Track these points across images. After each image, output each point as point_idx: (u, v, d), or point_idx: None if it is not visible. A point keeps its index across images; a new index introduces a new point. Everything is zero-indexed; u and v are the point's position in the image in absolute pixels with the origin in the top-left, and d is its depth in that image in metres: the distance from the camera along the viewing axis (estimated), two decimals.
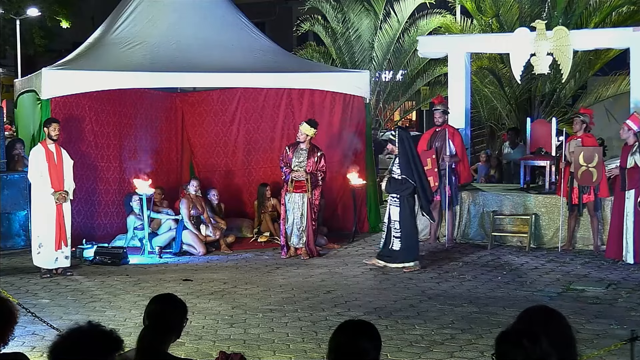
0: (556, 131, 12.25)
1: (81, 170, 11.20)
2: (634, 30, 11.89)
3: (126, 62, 11.71)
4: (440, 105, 11.99)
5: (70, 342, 3.07)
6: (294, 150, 11.20)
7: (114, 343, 3.15)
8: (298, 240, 11.16)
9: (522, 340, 3.05)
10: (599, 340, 7.05)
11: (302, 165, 11.12)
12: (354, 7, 18.26)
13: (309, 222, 11.12)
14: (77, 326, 3.15)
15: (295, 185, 11.12)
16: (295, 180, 11.09)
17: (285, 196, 11.20)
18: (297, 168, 11.11)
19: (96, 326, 3.17)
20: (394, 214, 10.32)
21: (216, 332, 7.52)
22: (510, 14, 15.56)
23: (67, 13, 28.50)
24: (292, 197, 11.14)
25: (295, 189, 11.12)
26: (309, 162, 11.11)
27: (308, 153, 11.16)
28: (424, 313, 8.14)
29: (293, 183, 11.10)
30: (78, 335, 3.10)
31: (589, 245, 11.31)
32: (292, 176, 11.07)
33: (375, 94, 18.01)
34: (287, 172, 11.14)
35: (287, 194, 11.16)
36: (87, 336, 3.10)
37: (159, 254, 11.26)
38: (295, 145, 11.26)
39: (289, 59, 14.03)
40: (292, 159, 11.15)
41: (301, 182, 11.12)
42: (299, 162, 11.14)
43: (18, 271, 10.35)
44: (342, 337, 3.26)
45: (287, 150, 11.25)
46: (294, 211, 11.12)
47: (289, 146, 11.36)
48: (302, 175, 11.06)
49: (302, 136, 11.17)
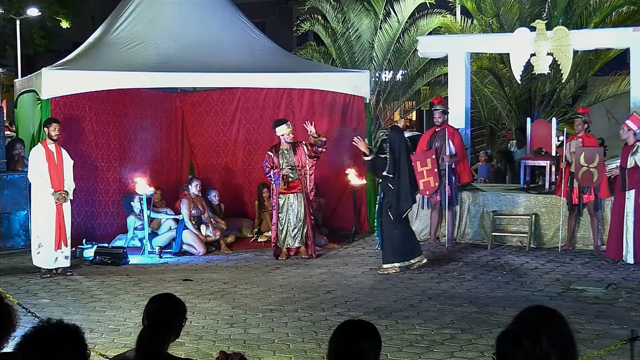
0: (556, 131, 12.25)
1: (81, 170, 11.20)
2: (634, 30, 11.89)
3: (126, 62, 11.71)
4: (440, 105, 11.98)
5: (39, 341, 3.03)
6: (277, 153, 11.08)
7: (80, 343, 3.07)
8: (293, 241, 11.11)
9: (523, 340, 3.04)
10: (599, 340, 7.04)
11: (292, 165, 11.06)
12: (354, 7, 18.26)
13: (308, 220, 11.08)
14: (45, 324, 3.13)
15: (289, 185, 11.07)
16: (290, 181, 11.03)
17: (278, 199, 11.09)
18: (287, 169, 11.01)
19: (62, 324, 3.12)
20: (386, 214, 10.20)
21: (216, 332, 7.52)
22: (510, 14, 15.55)
23: (67, 13, 28.51)
24: (287, 199, 11.08)
25: (289, 190, 11.06)
26: (297, 157, 11.06)
27: (292, 150, 11.09)
28: (424, 313, 8.14)
29: (287, 184, 11.03)
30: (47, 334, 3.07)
31: (589, 245, 11.31)
32: (283, 173, 10.95)
33: (375, 94, 18.00)
34: (277, 173, 10.99)
35: (282, 196, 11.08)
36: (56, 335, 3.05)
37: (159, 254, 11.26)
38: (277, 148, 11.14)
39: (289, 59, 14.03)
40: (280, 162, 11.02)
41: (295, 181, 11.08)
42: (288, 162, 11.05)
43: (18, 271, 10.35)
44: (342, 337, 3.26)
45: (271, 155, 11.08)
46: (288, 213, 11.07)
47: (270, 151, 11.16)
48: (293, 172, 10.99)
49: (289, 137, 11.08)
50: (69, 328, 3.08)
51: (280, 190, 11.06)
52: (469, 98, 13.30)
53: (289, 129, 11.12)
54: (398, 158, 10.08)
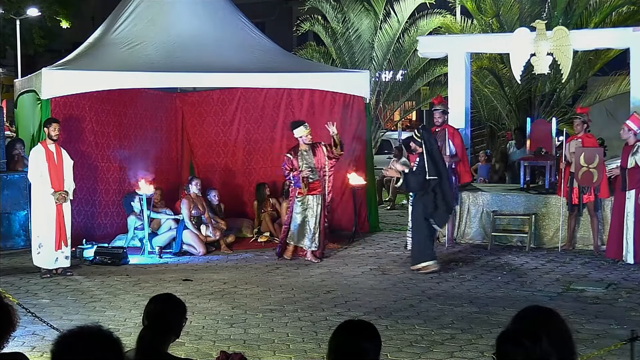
0: (556, 131, 12.25)
1: (81, 170, 11.20)
2: (634, 30, 11.89)
3: (126, 62, 11.71)
4: (440, 106, 11.98)
5: (71, 343, 3.02)
6: (296, 155, 10.91)
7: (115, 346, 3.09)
8: (310, 243, 10.92)
9: (523, 340, 3.04)
10: (599, 340, 7.05)
11: (312, 167, 10.87)
12: (354, 7, 18.29)
13: (322, 224, 10.93)
14: (79, 327, 3.12)
15: (310, 187, 10.86)
16: (310, 182, 10.84)
17: (296, 200, 10.88)
18: (306, 171, 10.82)
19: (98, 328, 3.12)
20: (410, 213, 10.20)
21: (216, 332, 7.52)
22: (510, 14, 15.56)
23: (67, 13, 28.54)
24: (306, 200, 10.87)
25: (310, 192, 10.86)
26: (316, 159, 10.94)
27: (312, 151, 10.97)
28: (424, 313, 8.14)
29: (307, 186, 10.82)
30: (79, 337, 3.05)
31: (589, 245, 11.31)
32: (303, 175, 10.76)
33: (375, 94, 18.03)
34: (296, 175, 10.79)
35: (301, 197, 10.85)
36: (89, 338, 3.04)
37: (159, 254, 11.26)
38: (296, 150, 10.99)
39: (289, 59, 14.03)
40: (299, 163, 10.85)
41: (315, 183, 10.90)
42: (307, 163, 10.89)
43: (18, 271, 10.35)
44: (342, 337, 3.26)
45: (290, 157, 10.91)
46: (307, 213, 10.87)
47: (289, 153, 11.01)
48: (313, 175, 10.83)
49: (308, 138, 10.93)
50: (106, 334, 3.06)
51: (299, 192, 10.85)
52: (469, 98, 13.29)
53: (307, 130, 10.95)
54: (438, 158, 10.08)
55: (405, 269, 10.31)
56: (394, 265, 10.58)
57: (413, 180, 10.04)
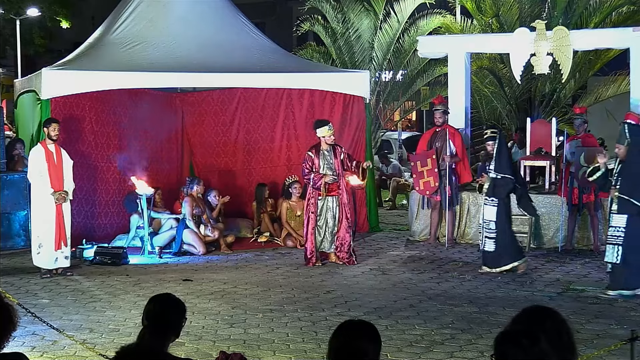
0: (556, 131, 12.25)
1: (81, 170, 11.19)
2: (634, 30, 11.89)
3: (126, 62, 11.71)
4: (440, 106, 11.99)
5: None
6: (317, 154, 10.72)
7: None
8: (330, 246, 10.79)
9: (522, 340, 3.04)
10: (599, 340, 7.05)
11: (332, 167, 10.69)
12: (354, 7, 18.27)
13: (344, 224, 10.73)
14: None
15: (329, 188, 10.68)
16: (329, 183, 10.65)
17: (316, 202, 10.68)
18: (327, 171, 10.65)
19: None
20: (489, 214, 9.98)
21: (216, 332, 7.52)
22: (510, 14, 15.54)
23: (67, 13, 28.55)
24: (325, 202, 10.69)
25: (329, 193, 10.68)
26: (336, 161, 10.71)
27: (333, 152, 10.75)
28: (424, 313, 8.14)
29: (327, 187, 10.65)
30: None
31: (589, 245, 11.31)
32: (326, 180, 10.57)
33: (375, 94, 18.02)
34: (317, 177, 10.60)
35: (320, 198, 10.68)
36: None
37: (159, 254, 11.26)
38: (317, 149, 10.78)
39: (289, 59, 14.03)
40: (320, 163, 10.68)
41: (334, 184, 10.71)
42: (328, 164, 10.69)
43: (18, 271, 10.35)
44: (342, 337, 3.26)
45: (312, 155, 10.70)
46: (326, 216, 10.72)
47: (310, 151, 10.78)
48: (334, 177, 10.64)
49: (330, 139, 10.71)
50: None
51: (319, 194, 10.66)
52: (469, 98, 13.30)
53: (331, 131, 10.73)
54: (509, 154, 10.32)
55: (406, 269, 10.32)
56: (394, 265, 10.59)
57: (499, 183, 9.95)
